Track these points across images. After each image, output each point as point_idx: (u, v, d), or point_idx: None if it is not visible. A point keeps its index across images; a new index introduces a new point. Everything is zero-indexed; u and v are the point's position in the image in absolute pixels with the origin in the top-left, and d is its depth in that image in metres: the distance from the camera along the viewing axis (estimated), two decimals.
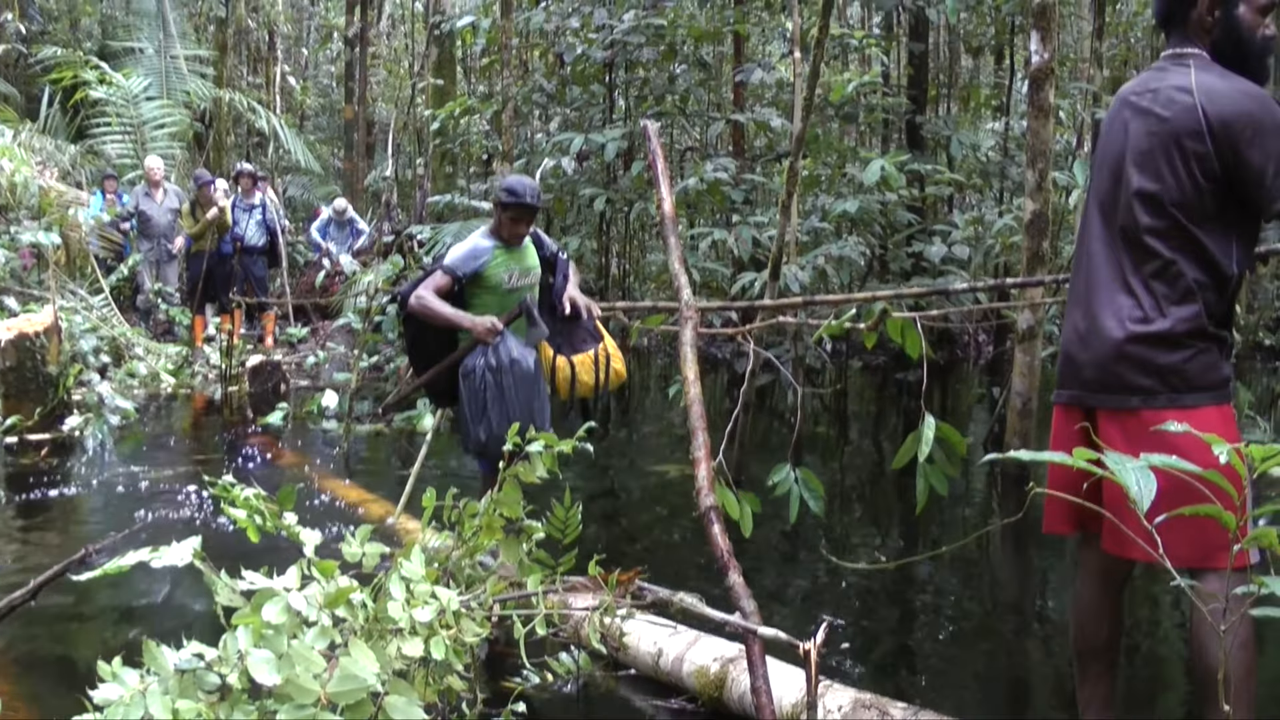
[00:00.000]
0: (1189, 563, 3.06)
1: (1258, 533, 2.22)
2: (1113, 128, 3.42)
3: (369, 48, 24.57)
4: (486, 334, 5.53)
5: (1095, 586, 3.57)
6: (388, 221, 17.61)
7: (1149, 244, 3.23)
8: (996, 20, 15.57)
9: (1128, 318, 3.24)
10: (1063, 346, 3.49)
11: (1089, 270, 3.39)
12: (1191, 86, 3.21)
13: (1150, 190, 3.22)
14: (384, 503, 7.08)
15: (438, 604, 3.02)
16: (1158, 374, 3.20)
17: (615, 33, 13.12)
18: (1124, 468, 2.33)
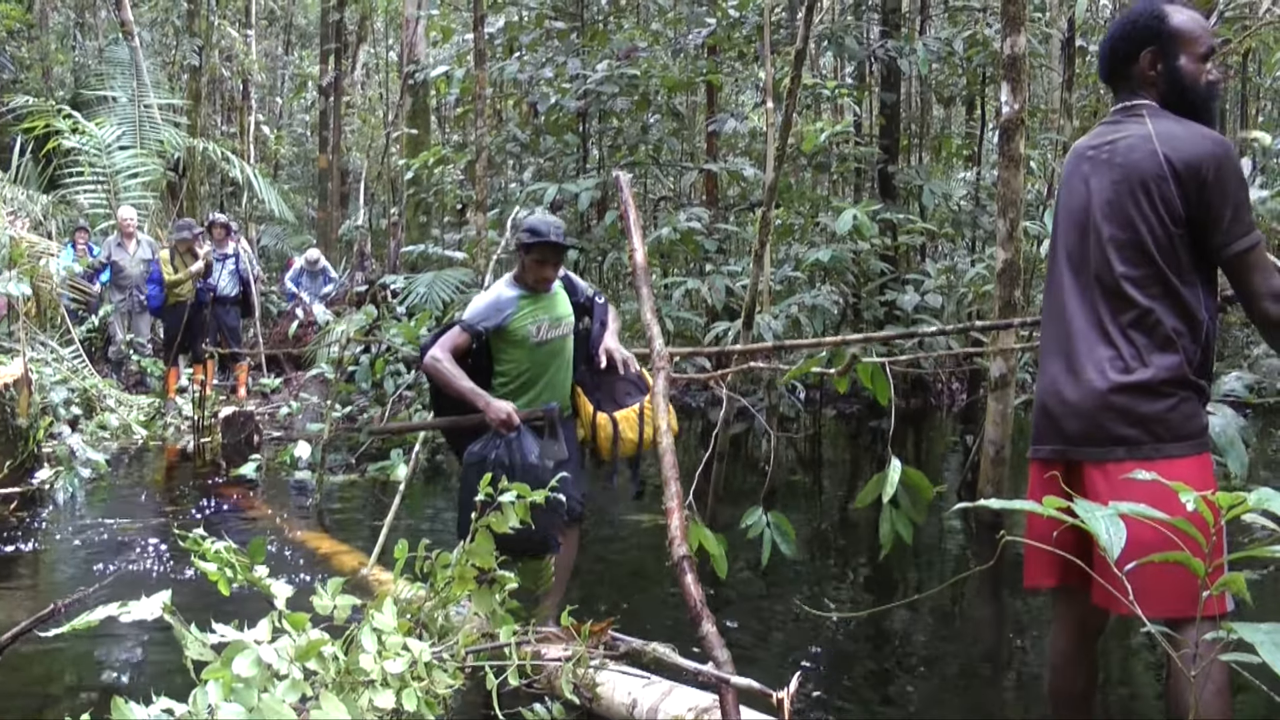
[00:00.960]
0: (1175, 612, 3.07)
1: (1226, 578, 2.24)
2: (1072, 182, 3.47)
3: (343, 97, 24.68)
4: (500, 425, 5.03)
5: (1071, 636, 3.56)
6: (361, 271, 17.61)
7: (1126, 293, 3.25)
8: (968, 71, 15.71)
9: (1109, 368, 3.25)
10: (1040, 400, 3.47)
11: (1064, 323, 3.40)
12: (1150, 134, 3.26)
13: (1122, 239, 3.26)
14: (357, 553, 7.03)
15: (409, 655, 3.01)
16: (1141, 424, 3.22)
17: (589, 82, 13.20)
18: (1094, 516, 2.34)
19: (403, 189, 18.07)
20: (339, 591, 3.14)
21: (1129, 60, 3.44)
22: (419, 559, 3.70)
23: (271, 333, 17.02)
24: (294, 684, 2.64)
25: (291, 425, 12.73)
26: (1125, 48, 3.44)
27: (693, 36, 14.71)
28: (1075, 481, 3.31)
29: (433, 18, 18.43)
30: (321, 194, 24.75)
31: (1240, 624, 2.17)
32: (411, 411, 10.40)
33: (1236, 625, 2.18)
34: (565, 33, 14.60)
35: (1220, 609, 3.05)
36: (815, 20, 11.91)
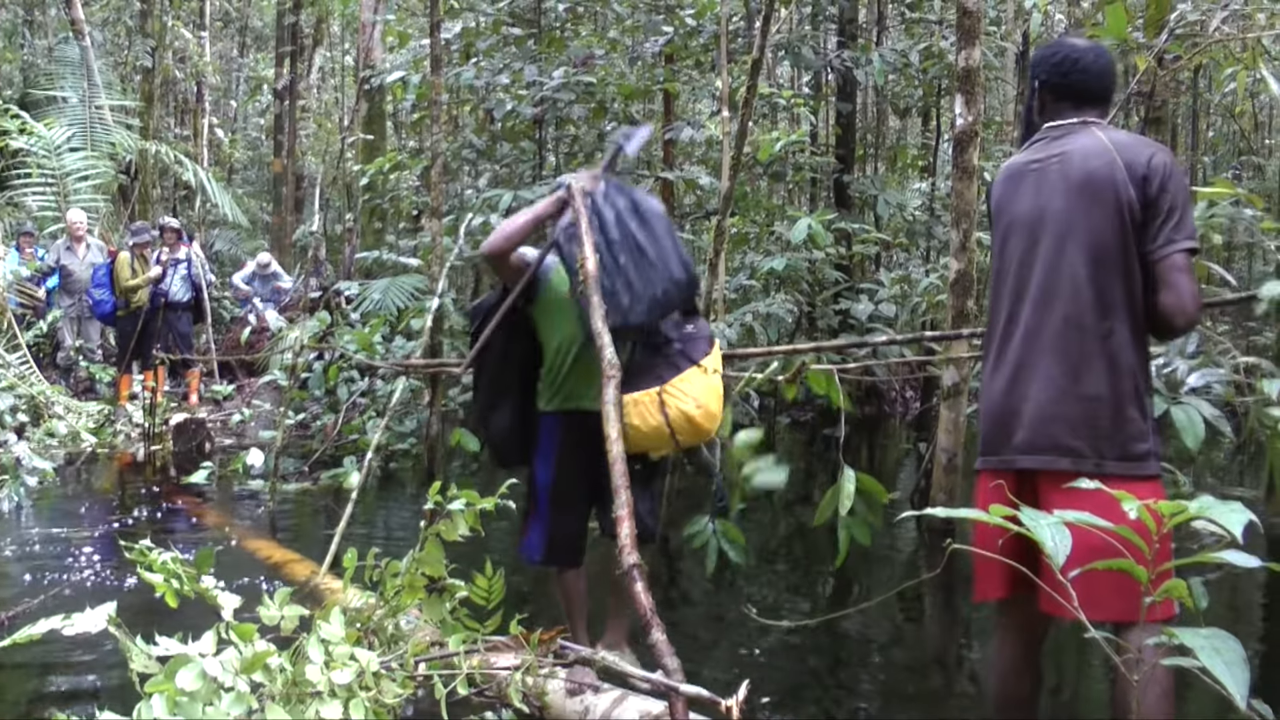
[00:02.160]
0: (1122, 616, 3.10)
1: (1168, 585, 2.26)
2: (1018, 194, 3.52)
3: (298, 101, 24.55)
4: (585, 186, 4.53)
5: (1017, 645, 3.59)
6: (315, 277, 17.52)
7: (1082, 302, 3.30)
8: (924, 83, 15.80)
9: (1064, 378, 3.28)
10: (989, 410, 3.48)
11: (1015, 332, 3.42)
12: (1106, 144, 3.35)
13: (1081, 247, 3.31)
14: (309, 562, 6.97)
15: (357, 665, 2.98)
16: (1091, 438, 3.25)
17: (545, 89, 13.17)
18: (1039, 524, 2.37)
19: (358, 194, 17.99)
20: (287, 601, 3.12)
21: (1108, 98, 3.60)
22: (368, 567, 3.67)
23: (224, 339, 16.91)
24: (239, 696, 2.62)
25: (244, 432, 12.65)
26: (1110, 89, 3.60)
27: (650, 45, 14.70)
28: (1026, 490, 3.32)
29: (389, 22, 18.35)
30: (276, 198, 24.62)
31: (1181, 629, 2.20)
32: (365, 419, 10.34)
33: (1177, 630, 2.21)
34: (522, 39, 14.57)
35: (1166, 614, 3.07)
36: (772, 30, 11.93)
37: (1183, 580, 2.31)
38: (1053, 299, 3.35)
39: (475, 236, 12.23)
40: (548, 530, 4.57)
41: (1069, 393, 3.26)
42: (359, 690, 2.98)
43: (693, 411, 4.39)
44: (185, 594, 3.10)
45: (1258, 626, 6.69)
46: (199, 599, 3.15)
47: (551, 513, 4.58)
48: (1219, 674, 2.05)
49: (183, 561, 3.14)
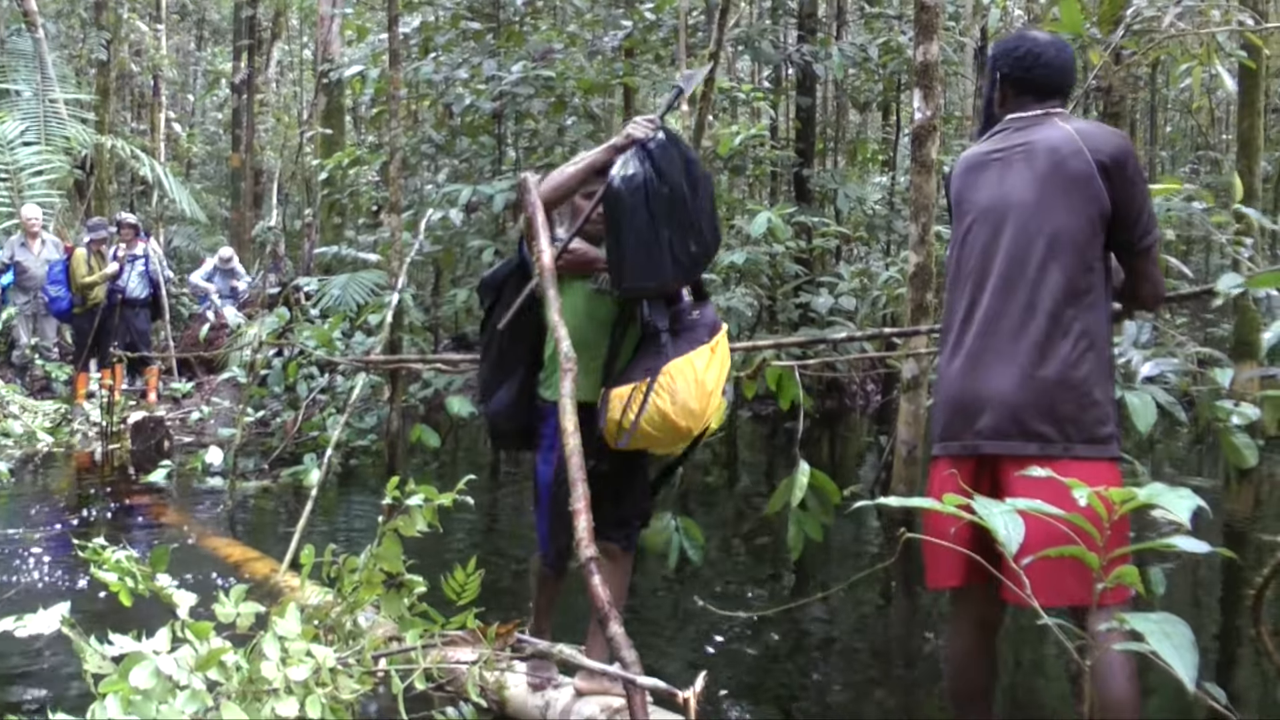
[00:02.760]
0: (1083, 600, 3.12)
1: (1120, 571, 2.28)
2: (979, 184, 3.54)
3: (256, 95, 24.41)
4: (644, 128, 4.20)
5: (972, 635, 3.60)
6: (274, 273, 17.43)
7: (1048, 290, 3.32)
8: (884, 77, 15.87)
9: (1030, 364, 3.30)
10: (950, 396, 3.48)
11: (979, 319, 3.43)
12: (1072, 134, 3.38)
13: (1048, 236, 3.34)
14: (269, 560, 6.94)
15: (313, 662, 2.97)
16: (1057, 422, 3.27)
17: (504, 84, 13.15)
18: (991, 512, 2.38)
19: (317, 190, 17.92)
20: (242, 598, 3.11)
21: (1069, 90, 3.64)
22: (325, 564, 3.67)
23: (183, 336, 16.79)
24: (194, 694, 2.61)
25: (203, 430, 12.59)
26: (1072, 81, 3.64)
27: (609, 39, 14.71)
28: (985, 476, 3.35)
29: (347, 16, 18.28)
30: (234, 194, 24.48)
31: (1133, 614, 2.22)
32: (325, 416, 10.30)
33: (1129, 615, 2.23)
34: (481, 34, 14.54)
35: (1120, 597, 3.09)
36: (732, 24, 11.96)
37: (1135, 567, 2.33)
38: (1017, 286, 3.36)
39: (434, 232, 12.21)
40: (552, 526, 4.36)
41: (1035, 378, 3.27)
42: (315, 687, 2.97)
43: (667, 408, 4.13)
44: (140, 593, 3.08)
45: (1216, 612, 6.76)
46: (155, 598, 3.13)
47: (553, 509, 4.30)
48: (1168, 657, 2.07)
49: (138, 560, 3.12)
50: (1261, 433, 5.06)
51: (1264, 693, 5.24)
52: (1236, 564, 7.20)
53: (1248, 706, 5.01)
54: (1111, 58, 8.39)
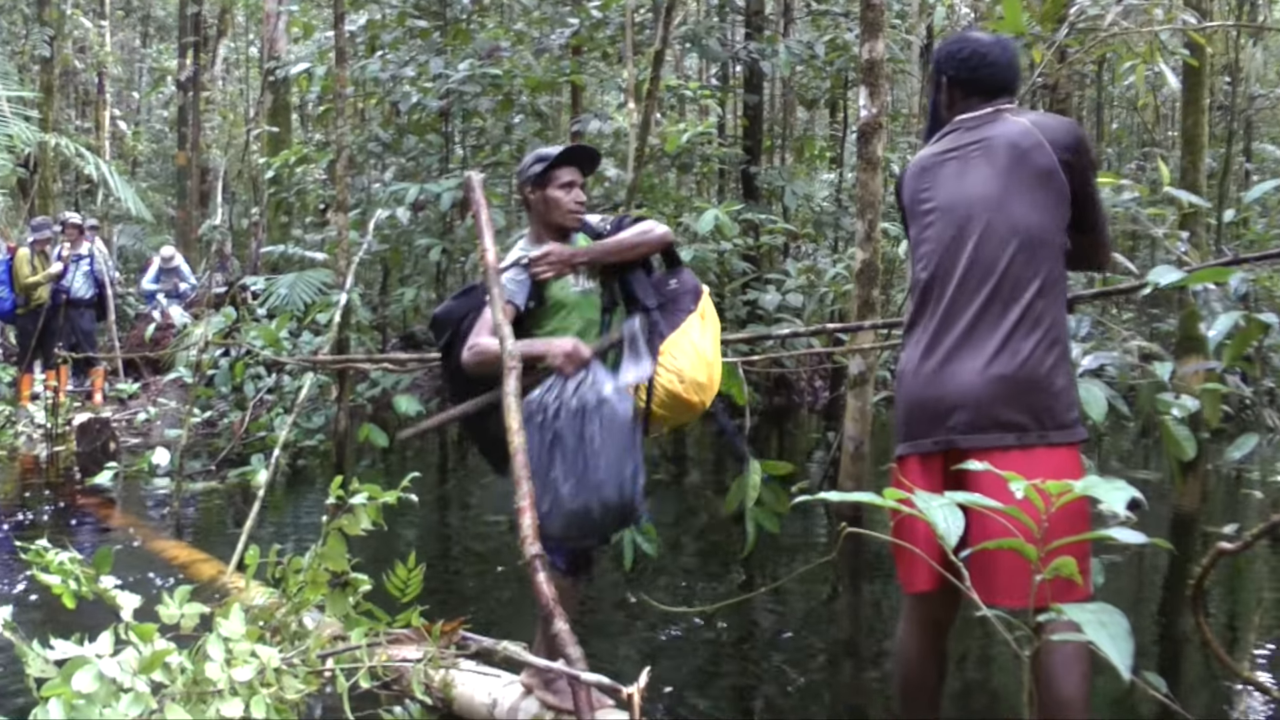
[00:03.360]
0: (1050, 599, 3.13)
1: (1057, 563, 2.31)
2: (937, 184, 3.57)
3: (203, 92, 24.21)
4: (568, 361, 4.01)
5: (925, 634, 3.62)
6: (221, 272, 17.32)
7: (1015, 283, 3.35)
8: (831, 74, 15.95)
9: (1003, 357, 3.32)
10: (916, 395, 3.47)
11: (946, 316, 3.45)
12: (1027, 126, 3.43)
13: (1016, 228, 3.37)
14: (216, 562, 6.91)
15: (258, 662, 2.98)
16: (1031, 411, 3.29)
17: (451, 82, 13.13)
18: (930, 506, 2.40)
19: (264, 188, 17.82)
20: (186, 599, 3.11)
21: (1017, 86, 3.68)
22: (270, 564, 3.67)
23: (129, 336, 16.66)
24: (138, 697, 2.61)
25: (150, 431, 12.50)
26: (1018, 78, 3.70)
27: (556, 37, 14.72)
28: (952, 476, 3.32)
29: (293, 13, 18.19)
30: (181, 192, 24.28)
31: (1069, 605, 2.25)
32: (273, 416, 10.26)
33: (1065, 606, 2.26)
34: (427, 31, 14.52)
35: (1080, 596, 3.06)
36: (678, 21, 11.99)
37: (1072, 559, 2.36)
38: (987, 280, 3.38)
39: (382, 231, 12.17)
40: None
41: (1009, 371, 3.30)
42: (260, 687, 2.98)
43: (677, 388, 4.13)
44: (84, 595, 3.08)
45: (1164, 604, 6.84)
46: (100, 601, 3.13)
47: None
48: (1104, 646, 2.10)
49: (81, 562, 3.12)
50: (1205, 426, 5.14)
51: (1210, 683, 5.31)
52: (1185, 556, 7.32)
53: (1194, 697, 5.10)
54: (1057, 55, 8.48)
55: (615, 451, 3.93)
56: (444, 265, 14.36)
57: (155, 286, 16.91)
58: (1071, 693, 3.18)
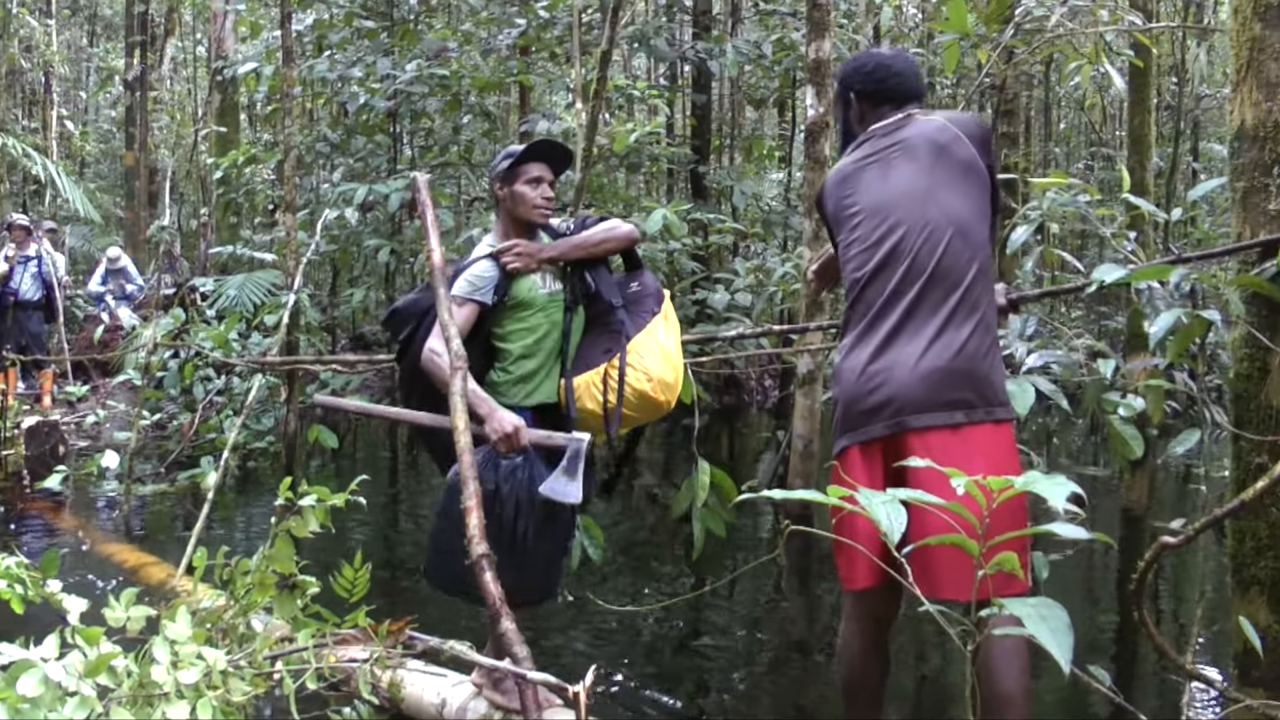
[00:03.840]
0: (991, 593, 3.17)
1: (999, 558, 2.35)
2: (860, 188, 3.61)
3: (150, 92, 24.02)
4: (504, 442, 3.98)
5: (869, 631, 3.64)
6: (169, 273, 17.22)
7: (950, 270, 3.40)
8: (779, 74, 16.02)
9: (941, 343, 3.36)
10: (860, 387, 3.45)
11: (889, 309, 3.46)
12: (941, 121, 3.53)
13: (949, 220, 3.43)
14: (165, 565, 6.90)
15: (204, 665, 3.01)
16: (976, 388, 3.34)
17: (399, 82, 13.12)
18: (872, 502, 2.43)
19: (212, 189, 17.74)
20: (133, 602, 3.13)
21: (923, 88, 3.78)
22: (218, 566, 3.69)
23: (77, 338, 16.53)
24: (83, 700, 2.63)
25: (99, 434, 12.41)
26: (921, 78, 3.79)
27: (504, 37, 14.73)
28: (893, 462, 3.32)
29: (240, 13, 18.11)
30: (129, 193, 24.08)
31: (1010, 599, 2.29)
32: (222, 418, 10.23)
33: (1006, 600, 2.30)
34: (375, 32, 14.49)
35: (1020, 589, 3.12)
36: (626, 21, 12.04)
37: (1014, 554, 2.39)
38: (919, 272, 3.42)
39: (330, 231, 12.15)
40: None
41: (948, 356, 3.33)
42: (206, 690, 3.00)
43: (644, 387, 4.15)
44: (31, 599, 3.10)
45: (1112, 600, 6.95)
46: (47, 604, 3.14)
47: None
48: (1044, 640, 2.11)
49: (28, 566, 3.14)
50: (1151, 422, 5.22)
51: (1159, 677, 5.40)
52: (1135, 552, 7.42)
53: (1143, 690, 5.20)
54: (1003, 56, 8.58)
55: (547, 554, 4.07)
56: (393, 266, 14.36)
57: (103, 289, 16.79)
58: (1012, 687, 3.23)
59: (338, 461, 11.30)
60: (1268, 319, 3.55)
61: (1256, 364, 3.60)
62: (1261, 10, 3.60)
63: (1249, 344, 3.63)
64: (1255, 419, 3.59)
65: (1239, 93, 3.71)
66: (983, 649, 3.14)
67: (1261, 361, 3.58)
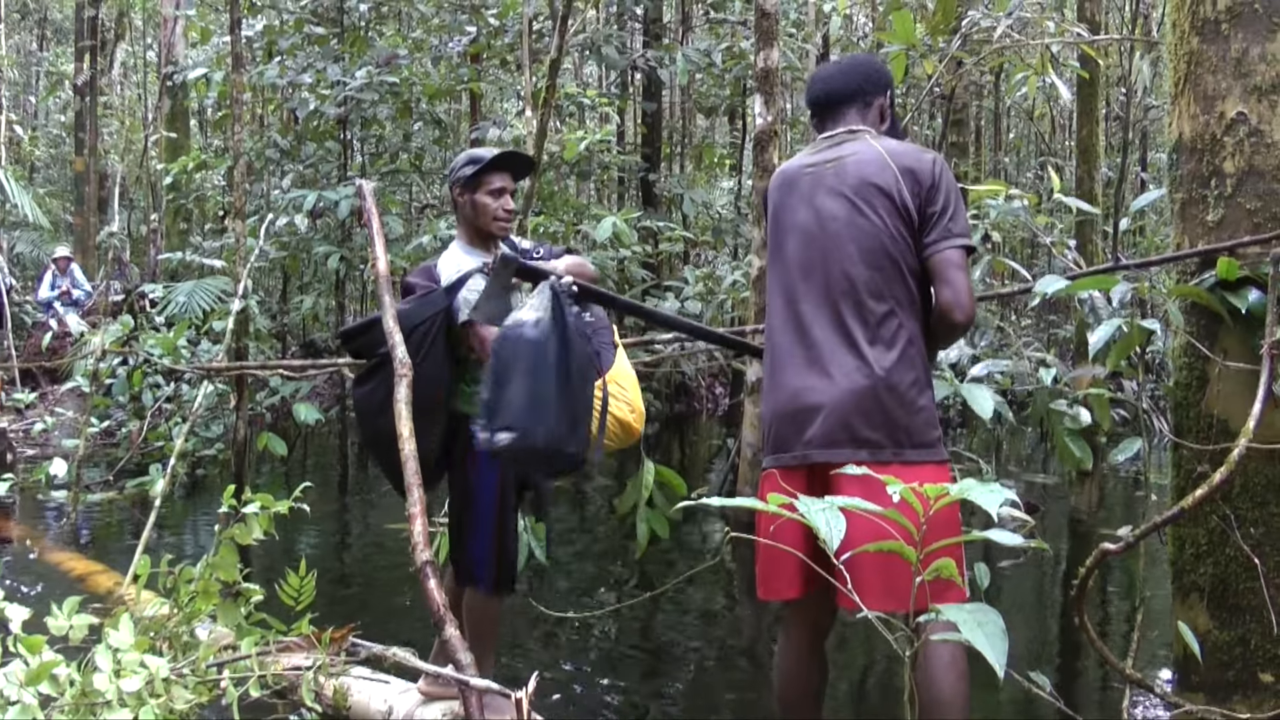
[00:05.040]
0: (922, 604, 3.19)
1: (937, 565, 2.38)
2: (792, 200, 3.61)
3: (100, 97, 23.86)
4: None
5: (805, 640, 3.63)
6: (118, 279, 17.11)
7: (867, 300, 3.37)
8: (729, 82, 16.08)
9: (858, 373, 3.32)
10: (779, 409, 3.47)
11: (802, 332, 3.46)
12: (881, 151, 3.48)
13: (863, 248, 3.40)
14: (113, 573, 6.87)
15: (147, 673, 3.02)
16: (886, 428, 3.30)
17: (349, 89, 13.11)
18: (811, 510, 2.45)
19: (162, 194, 17.64)
20: (75, 610, 3.14)
21: (871, 95, 3.70)
22: (161, 574, 3.70)
23: (25, 345, 16.41)
24: (25, 709, 2.64)
25: (47, 442, 12.34)
26: (870, 86, 3.70)
27: (454, 44, 14.73)
28: (817, 489, 3.31)
29: (190, 18, 18.02)
30: (78, 198, 23.89)
31: (947, 605, 2.33)
32: (171, 425, 10.19)
33: (943, 606, 2.33)
34: (325, 38, 14.47)
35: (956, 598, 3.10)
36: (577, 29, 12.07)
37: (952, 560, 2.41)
38: (837, 298, 3.42)
39: (280, 238, 12.12)
40: (497, 549, 4.20)
41: (862, 386, 3.31)
42: (149, 698, 3.01)
43: (629, 418, 4.14)
44: None
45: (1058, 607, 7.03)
46: None
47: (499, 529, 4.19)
48: (980, 645, 2.14)
49: None
50: (1098, 430, 5.28)
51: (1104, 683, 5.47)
52: (1082, 559, 7.49)
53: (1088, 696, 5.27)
54: (951, 66, 8.67)
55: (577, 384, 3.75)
56: (342, 273, 14.32)
57: (53, 294, 16.68)
58: (949, 693, 3.24)
59: (288, 469, 11.28)
60: (1207, 328, 3.59)
61: (1196, 373, 3.63)
62: (1199, 25, 3.65)
63: (1188, 353, 3.67)
64: (1195, 427, 3.63)
65: (1177, 105, 3.76)
66: (920, 655, 3.16)
67: (1201, 370, 3.61)
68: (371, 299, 17.38)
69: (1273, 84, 3.49)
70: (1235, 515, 3.44)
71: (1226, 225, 3.55)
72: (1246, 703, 3.41)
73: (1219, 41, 3.58)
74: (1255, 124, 3.50)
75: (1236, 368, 3.53)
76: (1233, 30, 3.55)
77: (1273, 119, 3.48)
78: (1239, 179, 3.52)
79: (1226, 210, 3.55)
